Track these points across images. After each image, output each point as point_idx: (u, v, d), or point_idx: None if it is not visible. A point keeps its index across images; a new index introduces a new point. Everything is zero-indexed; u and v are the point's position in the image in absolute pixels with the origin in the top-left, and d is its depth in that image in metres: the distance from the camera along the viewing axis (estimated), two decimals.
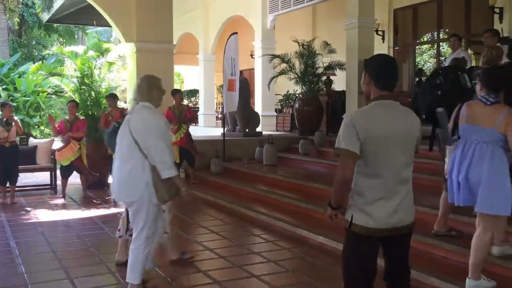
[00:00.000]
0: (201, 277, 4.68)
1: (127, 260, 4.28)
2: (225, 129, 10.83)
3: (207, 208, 7.85)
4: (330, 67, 11.11)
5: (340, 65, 10.83)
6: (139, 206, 3.91)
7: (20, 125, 8.10)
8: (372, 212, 2.73)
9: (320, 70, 11.18)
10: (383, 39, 13.33)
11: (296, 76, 11.23)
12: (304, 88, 11.25)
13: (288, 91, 14.15)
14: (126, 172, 3.90)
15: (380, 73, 2.80)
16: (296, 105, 11.38)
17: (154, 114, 3.93)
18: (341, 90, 11.39)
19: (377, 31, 12.67)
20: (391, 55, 13.23)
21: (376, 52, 10.72)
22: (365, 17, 9.69)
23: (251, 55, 15.75)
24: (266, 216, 6.72)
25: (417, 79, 12.79)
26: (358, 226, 2.76)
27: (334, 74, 11.88)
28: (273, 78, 11.75)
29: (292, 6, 13.15)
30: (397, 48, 13.31)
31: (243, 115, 11.30)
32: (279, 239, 5.97)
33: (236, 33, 10.34)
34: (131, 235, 4.31)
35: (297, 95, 13.20)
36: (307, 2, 12.78)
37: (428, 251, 4.83)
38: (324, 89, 11.68)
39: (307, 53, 11.20)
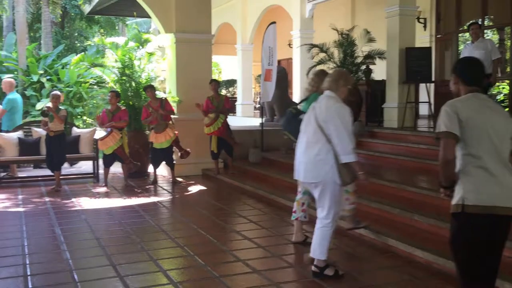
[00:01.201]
0: (240, 266, 4.72)
1: (303, 240, 5.16)
2: (263, 119, 10.83)
3: (246, 198, 7.88)
4: (370, 56, 10.91)
5: (380, 54, 10.63)
6: (324, 187, 4.26)
7: (60, 116, 8.23)
8: (484, 190, 2.84)
9: (359, 59, 11.01)
10: (424, 27, 13.02)
11: (335, 65, 11.09)
12: None
13: None
14: (312, 155, 4.27)
15: (465, 69, 3.06)
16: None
17: (338, 103, 4.27)
18: (381, 79, 11.20)
19: (418, 18, 12.38)
20: (433, 43, 12.91)
21: (417, 40, 10.54)
22: (406, 4, 9.48)
23: (289, 45, 15.66)
24: None
25: None
26: (471, 206, 2.84)
27: (374, 63, 11.66)
28: (311, 67, 11.64)
29: None
30: (439, 36, 12.97)
31: (281, 105, 11.27)
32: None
33: (275, 22, 10.29)
34: (305, 217, 5.23)
35: None
36: None
37: None
38: (363, 78, 11.49)
39: (346, 42, 11.03)
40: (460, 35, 12.97)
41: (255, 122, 12.94)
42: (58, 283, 4.35)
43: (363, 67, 11.41)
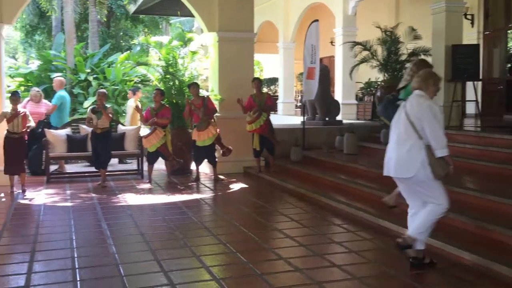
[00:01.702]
0: (282, 264, 4.72)
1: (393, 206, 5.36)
2: (305, 117, 10.79)
3: (287, 196, 7.88)
4: (415, 54, 10.72)
5: (425, 52, 10.42)
6: (415, 182, 4.39)
7: (108, 113, 8.45)
8: None
9: (403, 57, 10.82)
10: (472, 23, 12.68)
11: (379, 63, 10.94)
12: (386, 75, 10.95)
13: (369, 78, 13.84)
14: (404, 151, 4.40)
15: None
16: (378, 93, 11.08)
17: (429, 101, 4.39)
18: None
19: (465, 15, 12.06)
20: (481, 40, 12.56)
21: (464, 37, 10.26)
22: (453, 0, 9.25)
23: (331, 43, 15.54)
24: (346, 206, 6.65)
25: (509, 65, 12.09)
26: None
27: None
28: (354, 66, 11.53)
29: None
30: (487, 32, 12.59)
31: (323, 103, 11.21)
32: (361, 229, 5.89)
33: (317, 20, 10.22)
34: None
35: (379, 82, 12.89)
36: None
37: None
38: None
39: (390, 40, 10.87)
40: (509, 31, 12.56)
41: (297, 120, 12.90)
42: (105, 276, 4.47)
43: (408, 65, 11.21)
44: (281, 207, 7.34)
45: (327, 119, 11.27)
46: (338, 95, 13.67)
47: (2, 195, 8.00)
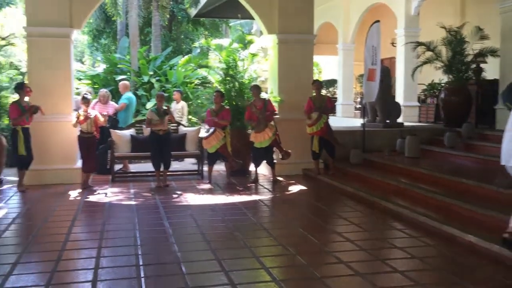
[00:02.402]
0: (342, 268, 4.68)
1: None
2: (365, 119, 10.64)
3: (346, 199, 7.80)
4: (481, 54, 10.36)
5: (493, 52, 10.04)
6: None
7: (174, 115, 8.70)
8: None
9: (469, 58, 10.47)
10: None
11: (443, 64, 10.64)
12: (451, 77, 10.63)
13: (432, 80, 13.47)
14: (507, 140, 4.67)
15: None
16: (442, 95, 10.79)
17: None
18: (493, 79, 10.56)
19: None
20: None
21: None
22: None
23: (392, 43, 15.24)
24: (408, 210, 6.49)
25: None
26: None
27: (485, 62, 11.04)
28: (417, 67, 11.26)
29: None
30: None
31: (383, 105, 11.00)
32: (423, 235, 5.74)
33: (379, 21, 10.06)
34: None
35: (442, 84, 12.51)
36: None
37: None
38: (473, 78, 10.91)
39: (455, 40, 10.54)
40: None
41: (356, 122, 12.75)
42: (168, 274, 4.58)
43: (473, 66, 10.85)
44: (340, 210, 7.27)
45: (387, 121, 11.06)
46: (399, 97, 13.38)
47: (74, 192, 8.37)
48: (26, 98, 8.50)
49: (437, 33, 10.96)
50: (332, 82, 21.74)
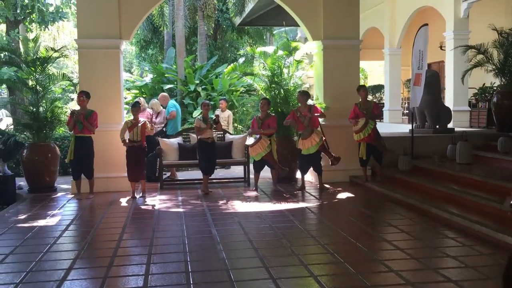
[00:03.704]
0: (393, 277, 4.58)
1: None
2: (413, 125, 10.42)
3: (395, 206, 7.65)
4: None
5: None
6: None
7: (221, 124, 8.79)
8: None
9: None
10: None
11: (494, 67, 10.31)
12: (503, 80, 10.28)
13: (484, 84, 13.06)
14: None
15: None
16: (494, 99, 10.45)
17: None
18: None
19: None
20: None
21: None
22: None
23: (440, 47, 14.90)
24: (461, 218, 6.30)
25: None
26: None
27: None
28: (467, 70, 10.96)
29: None
30: None
31: (433, 110, 10.75)
32: (477, 243, 5.55)
33: (427, 24, 9.86)
34: None
35: (494, 88, 12.12)
36: None
37: None
38: None
39: (507, 42, 10.20)
40: None
41: (404, 128, 12.51)
42: (216, 281, 4.60)
43: None
44: (389, 217, 7.14)
45: (437, 127, 10.79)
46: (449, 102, 13.05)
47: (124, 199, 8.57)
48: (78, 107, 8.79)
49: (488, 35, 10.64)
50: (378, 88, 21.48)
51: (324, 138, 8.97)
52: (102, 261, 5.25)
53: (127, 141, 8.60)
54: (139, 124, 8.59)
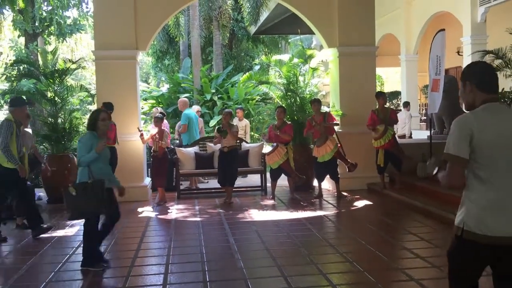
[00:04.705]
0: (413, 286, 4.51)
1: None
2: (432, 131, 10.30)
3: (414, 214, 7.55)
4: None
5: None
6: None
7: (233, 132, 8.74)
8: (483, 219, 2.66)
9: None
10: None
11: None
12: None
13: (503, 88, 12.86)
14: None
15: (484, 77, 2.75)
16: None
17: None
18: None
19: None
20: None
21: None
22: None
23: (458, 52, 14.76)
24: None
25: None
26: (469, 232, 2.69)
27: None
28: None
29: None
30: None
31: (451, 117, 10.62)
32: None
33: (443, 29, 9.77)
34: None
35: None
36: None
37: None
38: None
39: None
40: None
41: (422, 135, 12.39)
42: None
43: None
44: (408, 225, 7.05)
45: None
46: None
47: (142, 209, 8.60)
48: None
49: (506, 39, 10.49)
50: (395, 94, 21.34)
51: (339, 145, 8.92)
52: (120, 271, 5.27)
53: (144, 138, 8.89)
54: (157, 135, 8.72)
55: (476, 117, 2.69)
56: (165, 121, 10.77)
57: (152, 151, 8.95)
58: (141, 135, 8.85)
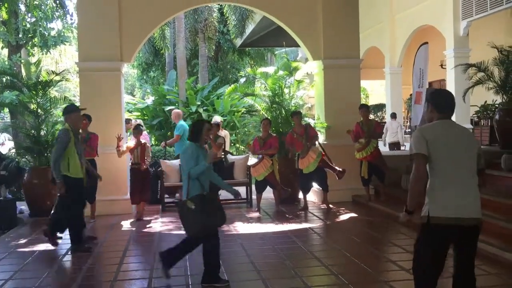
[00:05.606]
0: None
1: None
2: None
3: (400, 226, 7.53)
4: None
5: None
6: None
7: (217, 144, 8.69)
8: (443, 201, 3.38)
9: None
10: None
11: (495, 85, 10.28)
12: (505, 97, 10.25)
13: (486, 101, 13.04)
14: None
15: (441, 102, 3.59)
16: (497, 116, 10.38)
17: None
18: None
19: None
20: None
21: None
22: None
23: (441, 65, 14.92)
24: None
25: None
26: (434, 217, 3.39)
27: None
28: (468, 88, 10.92)
29: (489, 10, 12.12)
30: None
31: None
32: (483, 263, 5.45)
33: (427, 43, 9.89)
34: None
35: (496, 105, 12.08)
36: (506, 3, 11.68)
37: None
38: None
39: (508, 60, 10.19)
40: None
41: (406, 146, 12.45)
42: None
43: None
44: (394, 237, 7.05)
45: None
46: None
47: (126, 222, 8.48)
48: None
49: (488, 53, 10.64)
50: (380, 107, 21.50)
51: (323, 153, 8.92)
52: (103, 285, 5.17)
53: (121, 150, 8.50)
54: (139, 147, 8.52)
55: (432, 128, 3.52)
56: (144, 132, 10.73)
57: (131, 163, 8.70)
58: (118, 146, 8.48)
